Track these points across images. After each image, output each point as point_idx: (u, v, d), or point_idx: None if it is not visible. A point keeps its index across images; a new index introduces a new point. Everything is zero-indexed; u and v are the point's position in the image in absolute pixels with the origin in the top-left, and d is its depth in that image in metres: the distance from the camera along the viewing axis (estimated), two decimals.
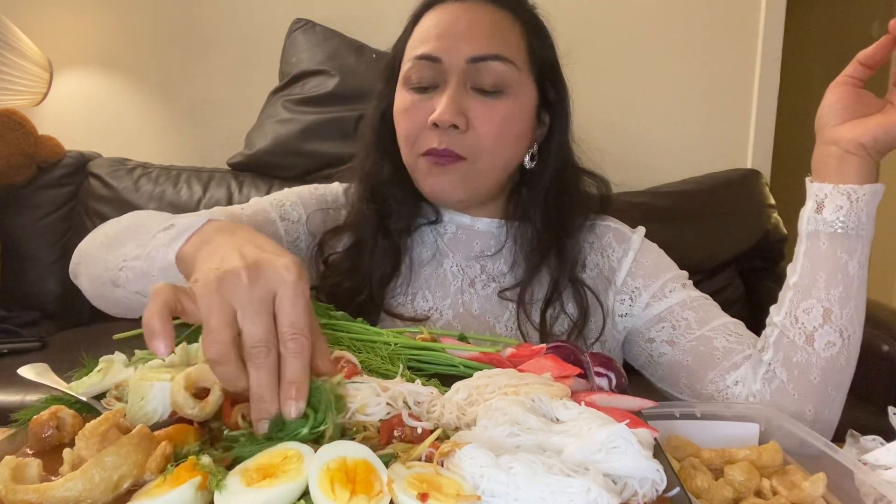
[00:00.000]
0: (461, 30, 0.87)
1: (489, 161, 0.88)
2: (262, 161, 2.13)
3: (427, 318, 0.93)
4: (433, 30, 0.88)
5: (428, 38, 0.88)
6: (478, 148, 0.87)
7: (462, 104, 0.86)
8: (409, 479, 0.45)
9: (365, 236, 0.94)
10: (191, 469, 0.46)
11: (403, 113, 0.90)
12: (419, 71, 0.88)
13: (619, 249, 0.98)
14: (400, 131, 0.91)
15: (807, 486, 0.59)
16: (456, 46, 0.86)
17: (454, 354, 0.69)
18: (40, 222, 2.10)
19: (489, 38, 0.87)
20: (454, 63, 0.86)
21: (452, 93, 0.85)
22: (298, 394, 0.50)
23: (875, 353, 1.62)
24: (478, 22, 0.87)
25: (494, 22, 0.88)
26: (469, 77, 0.86)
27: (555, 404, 0.56)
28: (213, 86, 2.35)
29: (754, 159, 2.37)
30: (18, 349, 1.76)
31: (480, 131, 0.86)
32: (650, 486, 0.48)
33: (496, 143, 0.87)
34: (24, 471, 0.48)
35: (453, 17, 0.88)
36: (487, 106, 0.86)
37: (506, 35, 0.88)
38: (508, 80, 0.87)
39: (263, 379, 0.49)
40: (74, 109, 2.35)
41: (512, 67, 0.87)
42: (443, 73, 0.87)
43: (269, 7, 2.30)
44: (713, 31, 2.33)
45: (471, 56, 0.86)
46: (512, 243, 0.96)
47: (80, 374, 0.68)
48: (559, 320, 0.92)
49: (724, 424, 0.70)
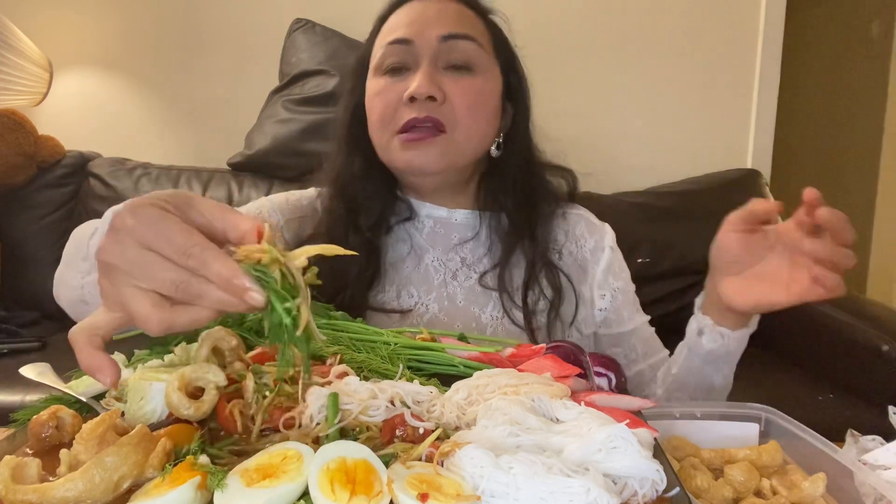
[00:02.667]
0: (430, 16, 0.91)
1: (465, 133, 0.90)
2: (262, 161, 2.13)
3: (411, 310, 0.95)
4: (403, 19, 0.92)
5: (398, 26, 0.92)
6: (454, 119, 0.89)
7: (436, 78, 0.89)
8: (409, 480, 0.45)
9: (336, 235, 0.95)
10: (190, 469, 0.46)
11: (377, 96, 0.92)
12: (391, 55, 0.91)
13: (591, 240, 1.02)
14: (373, 115, 0.93)
15: (807, 486, 0.59)
16: (427, 29, 0.90)
17: (454, 354, 0.69)
18: (40, 222, 2.10)
19: (458, 19, 0.92)
20: (426, 43, 0.90)
21: (427, 69, 0.89)
22: (239, 283, 0.45)
23: (875, 353, 1.62)
24: (445, 11, 0.92)
25: (460, 10, 0.94)
26: (441, 56, 0.90)
27: (555, 404, 0.56)
28: (213, 86, 2.35)
29: (754, 159, 2.37)
30: (18, 349, 1.76)
31: (456, 103, 0.89)
32: (650, 486, 0.48)
33: (472, 115, 0.90)
34: (23, 471, 0.48)
35: (422, 9, 0.93)
36: (460, 82, 0.90)
37: (472, 21, 0.94)
38: (478, 59, 0.91)
39: (211, 295, 0.46)
40: (74, 109, 2.35)
41: (480, 49, 0.92)
42: (415, 54, 0.90)
43: (269, 7, 2.31)
44: (713, 31, 2.33)
45: (442, 34, 0.89)
46: (487, 231, 1.00)
47: (80, 374, 0.68)
48: (540, 303, 0.95)
49: (724, 424, 0.70)
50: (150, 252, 0.45)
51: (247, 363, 0.65)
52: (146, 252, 0.46)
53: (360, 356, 0.68)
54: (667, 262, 1.98)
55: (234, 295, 0.45)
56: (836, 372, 1.73)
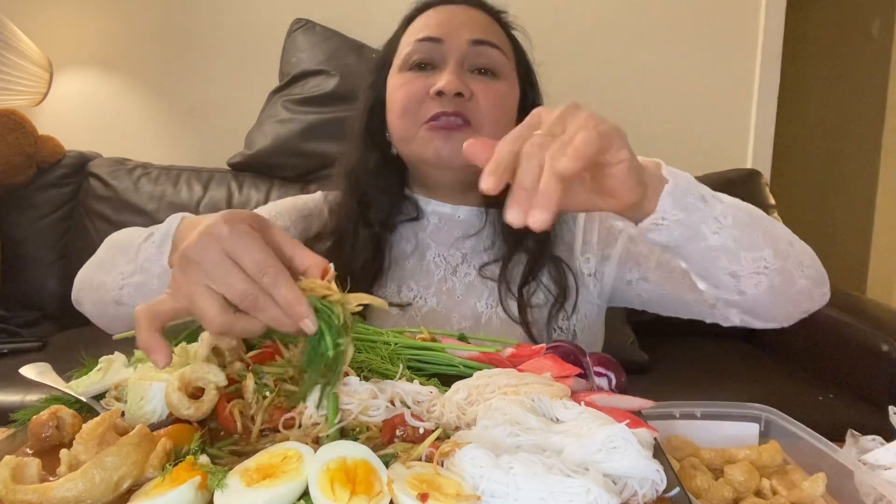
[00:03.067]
0: (461, 20, 0.94)
1: (490, 131, 0.91)
2: (262, 161, 2.13)
3: (410, 304, 0.96)
4: (433, 20, 0.95)
5: (428, 26, 0.94)
6: (481, 117, 0.91)
7: (464, 78, 0.91)
8: (409, 480, 0.45)
9: (347, 227, 0.97)
10: (190, 469, 0.46)
11: (400, 88, 0.93)
12: (419, 52, 0.93)
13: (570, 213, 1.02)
14: (395, 106, 0.94)
15: (807, 486, 0.59)
16: (457, 30, 0.92)
17: (454, 354, 0.69)
18: (40, 222, 2.09)
19: (486, 29, 0.95)
20: (456, 44, 0.92)
21: (455, 67, 0.91)
22: (300, 310, 0.51)
23: (875, 353, 1.62)
24: (476, 18, 0.95)
25: (489, 21, 0.97)
26: (468, 58, 0.92)
27: (555, 404, 0.56)
28: (213, 86, 2.34)
29: (754, 159, 2.37)
30: (18, 349, 1.76)
31: (482, 103, 0.91)
32: (650, 486, 0.48)
33: (496, 116, 0.92)
34: (23, 471, 0.48)
35: (452, 13, 0.95)
36: (486, 84, 0.92)
37: (499, 34, 0.97)
38: (502, 67, 0.94)
39: (270, 312, 0.52)
40: (74, 109, 2.35)
41: (504, 58, 0.95)
42: (443, 53, 0.92)
43: (269, 7, 2.30)
44: (713, 31, 2.33)
45: (473, 38, 0.92)
46: (491, 228, 1.00)
47: (80, 374, 0.68)
48: (536, 294, 0.95)
49: (724, 424, 0.70)
50: (231, 261, 0.51)
51: (247, 363, 0.65)
52: (228, 260, 0.51)
53: (360, 356, 0.68)
54: None
55: (292, 318, 0.51)
56: (836, 372, 1.73)
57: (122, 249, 0.78)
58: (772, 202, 2.18)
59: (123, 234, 0.82)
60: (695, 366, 1.79)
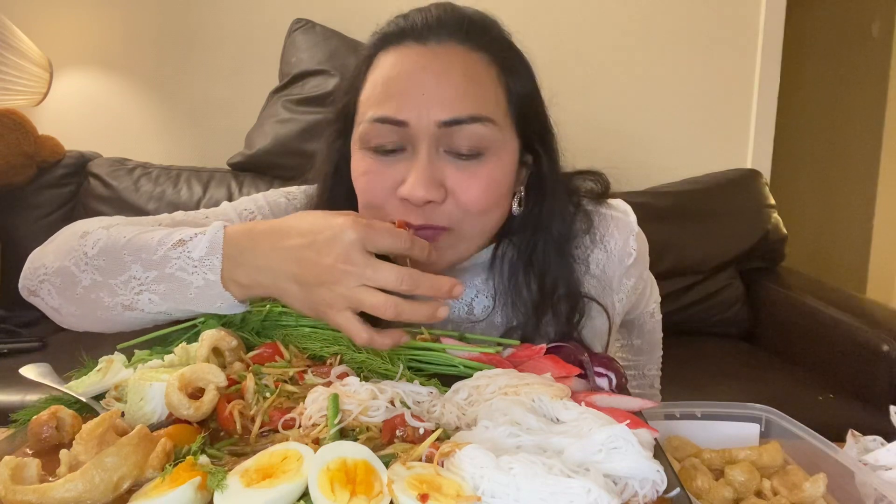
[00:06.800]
0: (429, 87, 0.72)
1: (475, 225, 0.77)
2: (262, 161, 2.13)
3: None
4: (394, 83, 0.73)
5: (388, 95, 0.73)
6: (460, 215, 0.74)
7: (436, 173, 0.72)
8: (410, 480, 0.45)
9: None
10: (190, 469, 0.46)
11: (363, 177, 0.76)
12: (379, 135, 0.74)
13: (620, 239, 0.95)
14: (361, 197, 0.78)
15: (807, 486, 0.59)
16: (425, 107, 0.72)
17: (454, 354, 0.69)
18: (40, 222, 2.09)
19: (463, 95, 0.73)
20: (423, 127, 0.72)
21: (424, 162, 0.72)
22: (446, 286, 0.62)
23: (875, 353, 1.62)
24: (448, 74, 0.73)
25: (466, 70, 0.74)
26: (442, 141, 0.73)
27: (555, 405, 0.56)
28: (213, 86, 2.34)
29: (754, 159, 2.37)
30: (18, 349, 1.76)
31: (462, 199, 0.73)
32: (650, 486, 0.48)
33: (480, 208, 0.75)
34: (23, 471, 0.48)
35: (418, 67, 0.73)
36: (466, 171, 0.73)
37: (481, 86, 0.75)
38: (488, 141, 0.74)
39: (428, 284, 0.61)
40: (74, 109, 2.35)
41: (491, 126, 0.74)
42: (410, 137, 0.73)
43: (269, 7, 2.30)
44: (713, 31, 2.33)
45: (442, 120, 0.72)
46: (500, 263, 0.85)
47: (80, 374, 0.68)
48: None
49: (724, 424, 0.70)
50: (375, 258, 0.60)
51: (247, 364, 0.65)
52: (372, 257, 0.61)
53: (360, 356, 0.68)
54: (666, 262, 1.98)
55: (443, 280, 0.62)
56: (836, 372, 1.73)
57: (136, 250, 0.69)
58: (772, 202, 2.18)
59: (128, 233, 0.71)
60: (695, 366, 1.79)
